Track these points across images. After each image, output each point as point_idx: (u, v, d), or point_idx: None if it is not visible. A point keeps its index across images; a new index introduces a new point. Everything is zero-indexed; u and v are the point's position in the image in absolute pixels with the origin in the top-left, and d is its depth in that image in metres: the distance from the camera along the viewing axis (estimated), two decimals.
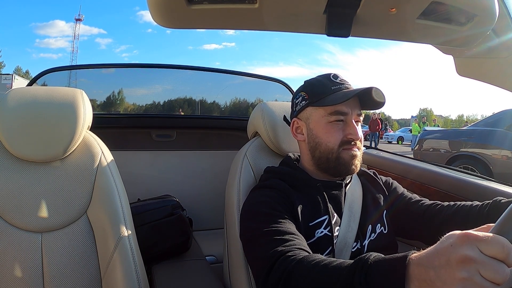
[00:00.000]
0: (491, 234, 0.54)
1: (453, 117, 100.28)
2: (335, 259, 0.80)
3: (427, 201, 1.21)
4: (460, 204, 1.12)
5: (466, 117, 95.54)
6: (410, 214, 1.21)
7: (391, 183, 1.32)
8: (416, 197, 1.26)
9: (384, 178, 1.33)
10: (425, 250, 0.61)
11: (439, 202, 1.18)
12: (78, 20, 61.71)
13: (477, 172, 5.46)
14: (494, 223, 0.58)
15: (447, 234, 0.59)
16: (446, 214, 1.12)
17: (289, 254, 0.88)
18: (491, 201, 1.04)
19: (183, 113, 4.28)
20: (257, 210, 1.08)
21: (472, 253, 0.54)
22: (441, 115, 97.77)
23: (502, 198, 1.03)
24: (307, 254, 0.88)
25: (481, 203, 1.07)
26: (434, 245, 0.60)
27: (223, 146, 2.22)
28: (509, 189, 1.32)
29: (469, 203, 1.11)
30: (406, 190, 1.32)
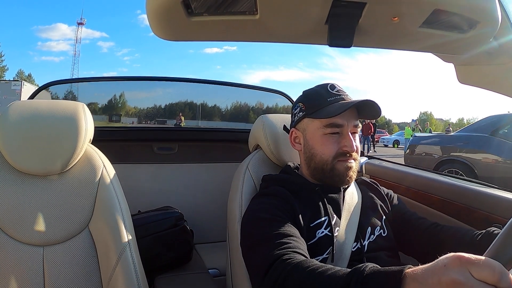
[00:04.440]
0: (483, 258, 0.55)
1: (454, 120, 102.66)
2: (331, 266, 0.81)
3: (427, 220, 1.23)
4: (456, 228, 1.15)
5: (466, 120, 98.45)
6: (410, 230, 1.22)
7: (393, 196, 1.33)
8: (416, 214, 1.28)
9: (386, 190, 1.35)
10: (421, 267, 0.62)
11: (438, 223, 1.20)
12: (80, 24, 61.95)
13: (462, 175, 5.56)
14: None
15: (447, 254, 0.59)
16: (442, 237, 1.14)
17: (285, 257, 0.89)
18: (484, 231, 1.06)
19: (183, 117, 4.25)
20: (257, 216, 1.09)
21: (461, 278, 0.54)
22: (441, 119, 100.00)
23: (496, 229, 1.04)
24: (304, 259, 0.88)
25: (475, 231, 1.09)
26: (431, 263, 0.61)
27: (224, 159, 2.21)
28: (509, 195, 1.31)
29: (465, 229, 1.14)
30: (406, 206, 1.33)
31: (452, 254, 0.58)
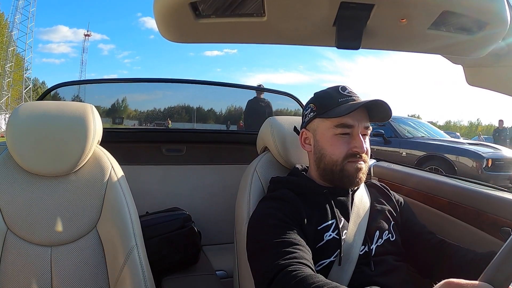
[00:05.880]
0: (476, 282, 0.55)
1: (441, 123, 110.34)
2: (335, 284, 0.82)
3: (435, 236, 1.24)
4: (460, 247, 1.15)
5: (453, 122, 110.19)
6: (418, 244, 1.23)
7: (404, 205, 1.33)
8: (426, 228, 1.28)
9: (397, 196, 1.34)
10: None
11: (445, 240, 1.20)
12: (86, 35, 64.05)
13: None
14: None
15: (441, 282, 0.61)
16: (447, 255, 1.14)
17: (290, 269, 0.90)
18: (486, 252, 1.06)
19: (170, 121, 4.37)
20: (263, 222, 1.09)
21: None
22: (431, 121, 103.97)
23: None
24: (309, 273, 0.89)
25: (477, 252, 1.10)
26: None
27: (232, 161, 2.21)
28: None
29: (467, 249, 1.14)
30: (416, 217, 1.32)
31: (444, 280, 0.59)
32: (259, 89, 2.60)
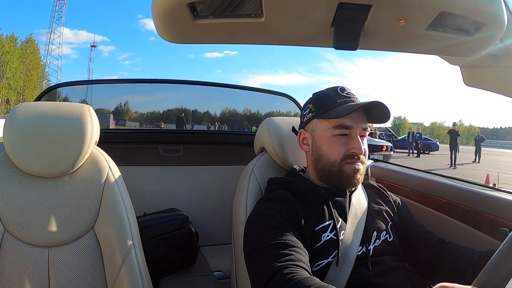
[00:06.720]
0: (470, 287, 0.56)
1: (426, 124, 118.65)
2: (331, 287, 0.82)
3: (434, 236, 1.24)
4: (458, 246, 1.16)
5: (438, 123, 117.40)
6: (417, 243, 1.23)
7: (401, 205, 1.33)
8: (424, 227, 1.28)
9: (394, 197, 1.34)
10: None
11: (444, 240, 1.21)
12: (93, 46, 68.81)
13: None
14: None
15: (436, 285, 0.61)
16: (445, 254, 1.15)
17: (286, 271, 0.90)
18: (485, 250, 1.07)
19: (163, 123, 4.48)
20: (261, 222, 1.09)
21: None
22: (420, 122, 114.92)
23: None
24: (305, 276, 0.89)
25: (475, 251, 1.11)
26: None
27: (230, 161, 2.21)
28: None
29: (465, 248, 1.15)
30: (414, 217, 1.33)
31: (438, 284, 0.59)
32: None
